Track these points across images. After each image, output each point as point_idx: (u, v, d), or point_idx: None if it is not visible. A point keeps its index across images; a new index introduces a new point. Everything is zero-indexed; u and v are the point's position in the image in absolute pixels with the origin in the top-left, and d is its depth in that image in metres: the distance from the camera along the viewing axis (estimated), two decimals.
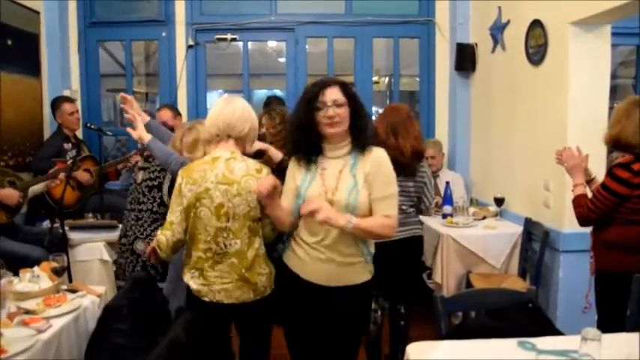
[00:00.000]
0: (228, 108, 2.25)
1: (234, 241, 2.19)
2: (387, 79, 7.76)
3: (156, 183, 3.18)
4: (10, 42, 4.06)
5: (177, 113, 4.33)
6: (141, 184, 3.25)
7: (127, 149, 5.54)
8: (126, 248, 3.24)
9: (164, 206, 3.12)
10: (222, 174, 2.19)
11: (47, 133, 4.48)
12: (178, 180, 2.24)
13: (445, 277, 3.57)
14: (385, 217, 2.09)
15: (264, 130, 3.38)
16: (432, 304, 2.07)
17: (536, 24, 3.55)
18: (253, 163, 2.26)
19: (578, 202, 2.57)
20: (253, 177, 2.19)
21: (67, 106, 4.18)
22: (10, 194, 3.24)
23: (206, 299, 2.23)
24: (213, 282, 2.22)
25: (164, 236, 2.23)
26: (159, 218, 3.16)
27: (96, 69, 5.04)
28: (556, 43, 3.37)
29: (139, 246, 3.18)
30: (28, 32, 4.35)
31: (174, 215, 2.24)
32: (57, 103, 4.23)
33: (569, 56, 3.22)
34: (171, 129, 3.78)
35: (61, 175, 3.61)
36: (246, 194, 2.17)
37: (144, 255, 3.13)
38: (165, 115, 4.18)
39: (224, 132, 2.24)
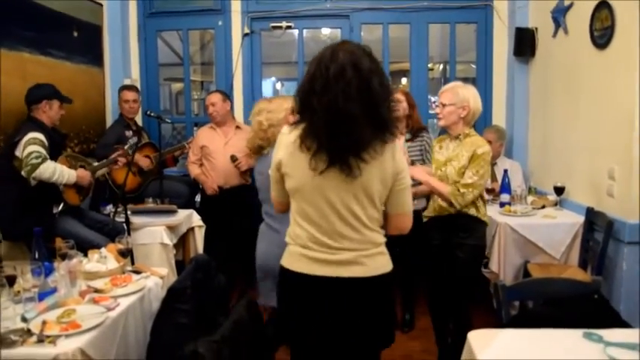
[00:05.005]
0: None
1: None
2: (441, 65, 7.64)
3: None
4: (76, 34, 4.23)
5: (226, 97, 4.46)
6: None
7: (182, 136, 5.69)
8: None
9: None
10: None
11: (109, 121, 4.65)
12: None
13: (502, 267, 3.50)
14: None
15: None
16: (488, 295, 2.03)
17: (602, 5, 3.39)
18: None
19: None
20: None
21: (122, 94, 4.36)
22: (84, 174, 3.42)
23: None
24: None
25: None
26: None
27: (154, 58, 5.19)
28: (624, 24, 3.21)
29: None
30: (92, 24, 4.52)
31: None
32: (119, 91, 4.40)
33: (638, 38, 3.07)
34: None
35: (122, 159, 3.79)
36: None
37: None
38: (215, 97, 4.37)
39: None
